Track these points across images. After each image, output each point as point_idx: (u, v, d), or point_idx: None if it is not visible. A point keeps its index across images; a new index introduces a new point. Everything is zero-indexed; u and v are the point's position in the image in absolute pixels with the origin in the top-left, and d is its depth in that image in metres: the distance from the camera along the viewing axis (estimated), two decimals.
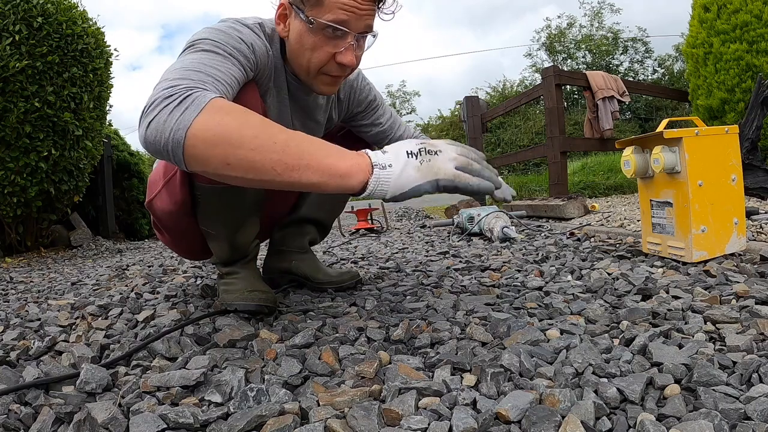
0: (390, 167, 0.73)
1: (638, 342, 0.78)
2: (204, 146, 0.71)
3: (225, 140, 0.70)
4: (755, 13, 3.51)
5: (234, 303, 1.07)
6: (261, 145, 0.71)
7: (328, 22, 0.90)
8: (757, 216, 1.90)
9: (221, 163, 0.72)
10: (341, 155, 0.74)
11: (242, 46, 0.91)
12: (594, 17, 17.96)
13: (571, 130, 11.58)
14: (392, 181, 0.73)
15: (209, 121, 0.71)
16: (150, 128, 0.72)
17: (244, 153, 0.71)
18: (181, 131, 0.70)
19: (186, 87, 0.75)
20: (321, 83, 1.01)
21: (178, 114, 0.71)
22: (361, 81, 1.24)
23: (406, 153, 0.74)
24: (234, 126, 0.71)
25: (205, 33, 0.89)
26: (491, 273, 1.48)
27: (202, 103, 0.72)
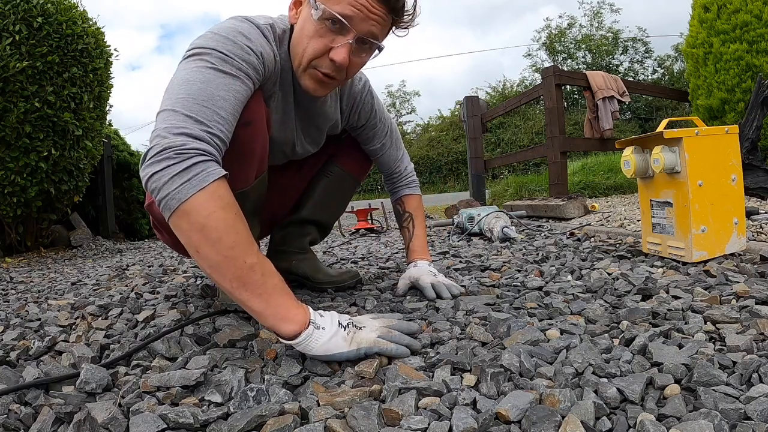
0: (323, 330, 0.79)
1: (638, 342, 0.78)
2: (186, 226, 0.76)
3: (205, 234, 0.75)
4: (755, 13, 3.51)
5: (234, 303, 1.07)
6: (233, 256, 0.76)
7: (333, 12, 0.88)
8: (757, 216, 1.90)
9: (192, 247, 0.77)
10: (289, 304, 0.79)
11: (251, 57, 0.88)
12: (594, 17, 17.97)
13: (571, 130, 11.58)
14: (321, 343, 0.78)
15: (202, 208, 0.75)
16: (151, 180, 0.77)
17: (215, 254, 0.76)
18: (174, 202, 0.75)
19: (195, 149, 0.77)
20: (309, 78, 0.97)
21: (179, 183, 0.75)
22: (366, 94, 1.22)
23: (338, 323, 0.81)
24: (220, 226, 0.75)
25: (212, 42, 0.86)
26: (491, 273, 1.48)
27: (205, 183, 0.75)
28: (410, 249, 1.35)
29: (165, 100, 0.82)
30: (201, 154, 0.77)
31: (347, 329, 0.81)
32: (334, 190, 1.36)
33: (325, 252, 2.33)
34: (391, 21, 0.94)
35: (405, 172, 1.38)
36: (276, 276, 0.80)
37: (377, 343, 0.80)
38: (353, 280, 1.38)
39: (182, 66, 0.86)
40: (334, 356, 0.79)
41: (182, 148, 0.76)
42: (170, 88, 0.83)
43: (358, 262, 1.91)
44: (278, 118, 1.07)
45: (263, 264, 0.79)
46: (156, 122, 0.81)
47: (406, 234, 1.37)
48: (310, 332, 0.78)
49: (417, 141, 18.82)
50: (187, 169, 0.75)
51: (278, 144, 1.12)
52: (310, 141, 1.20)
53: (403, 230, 1.38)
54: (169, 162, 0.75)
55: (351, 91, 1.20)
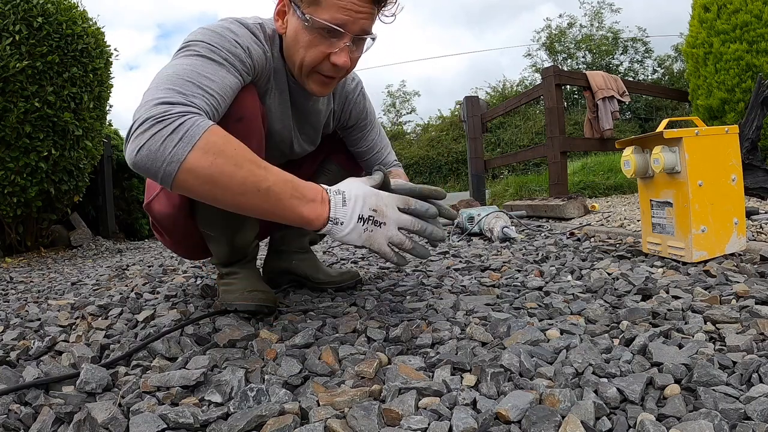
0: (342, 224, 0.85)
1: (638, 342, 0.78)
2: (195, 183, 0.76)
3: (215, 182, 0.76)
4: (755, 13, 3.51)
5: (234, 303, 1.07)
6: (247, 191, 0.78)
7: (324, 22, 0.89)
8: (757, 216, 1.90)
9: (209, 198, 0.79)
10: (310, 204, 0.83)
11: (238, 50, 0.90)
12: (594, 17, 17.96)
13: (571, 130, 11.57)
14: (339, 235, 0.85)
15: (202, 159, 0.74)
16: (141, 154, 0.74)
17: (231, 196, 0.78)
18: (174, 164, 0.74)
19: (178, 112, 0.75)
20: (313, 82, 0.99)
21: (171, 145, 0.73)
22: (358, 95, 1.23)
23: (358, 217, 0.85)
24: (225, 169, 0.76)
25: (200, 35, 0.88)
26: (491, 273, 1.48)
27: (196, 136, 0.74)
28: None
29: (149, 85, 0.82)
30: (183, 114, 0.75)
31: (365, 224, 0.85)
32: None
33: (325, 252, 2.33)
34: (376, 11, 0.95)
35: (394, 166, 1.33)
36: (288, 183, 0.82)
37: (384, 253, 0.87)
38: (353, 280, 1.38)
39: (171, 59, 0.88)
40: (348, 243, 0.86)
41: (164, 114, 0.74)
42: (155, 76, 0.83)
43: (358, 262, 1.91)
44: (275, 115, 1.08)
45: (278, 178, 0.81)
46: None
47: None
48: (328, 229, 0.84)
49: (417, 141, 18.80)
50: (175, 130, 0.73)
51: (277, 140, 1.12)
52: (306, 139, 1.20)
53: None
54: (154, 130, 0.73)
55: (343, 90, 1.20)
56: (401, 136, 19.71)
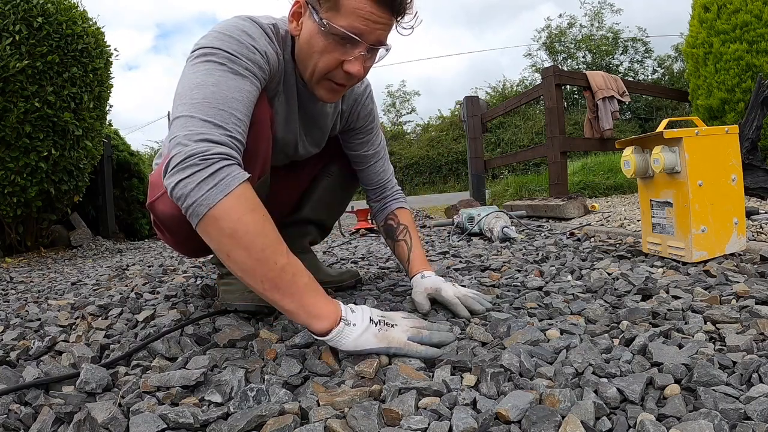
0: (354, 326, 0.80)
1: (638, 342, 0.78)
2: (216, 232, 0.77)
3: (236, 238, 0.76)
4: (755, 13, 3.51)
5: (234, 303, 1.07)
6: (264, 258, 0.77)
7: (341, 29, 0.87)
8: (757, 216, 1.90)
9: (223, 252, 0.78)
10: (321, 302, 0.81)
11: (257, 56, 0.89)
12: (594, 17, 17.96)
13: (571, 130, 11.57)
14: (352, 339, 0.80)
15: (231, 212, 0.76)
16: (177, 188, 0.77)
17: (247, 258, 0.77)
18: (203, 208, 0.76)
19: (219, 154, 0.77)
20: (323, 89, 0.98)
21: (206, 189, 0.76)
22: (367, 97, 1.22)
23: (369, 319, 0.82)
24: (250, 229, 0.77)
25: (218, 41, 0.87)
26: (491, 273, 1.48)
27: (231, 187, 0.76)
28: (411, 260, 1.22)
29: (179, 106, 0.82)
30: (225, 159, 0.78)
31: (378, 326, 0.82)
32: (334, 190, 1.36)
33: (325, 252, 2.33)
34: (394, 22, 0.94)
35: (393, 184, 1.32)
36: (306, 274, 0.81)
37: (408, 346, 0.81)
38: (353, 280, 1.38)
39: (190, 68, 0.86)
40: (362, 351, 0.80)
41: (206, 154, 0.77)
42: (182, 93, 0.83)
43: (358, 262, 1.91)
44: (282, 118, 1.07)
45: (293, 264, 0.80)
46: (172, 129, 0.81)
47: (403, 246, 1.24)
48: (341, 329, 0.79)
49: (417, 141, 18.80)
50: (213, 174, 0.76)
51: (281, 144, 1.12)
52: (311, 142, 1.19)
53: (399, 243, 1.25)
54: (195, 169, 0.76)
55: (353, 92, 1.20)
56: (401, 136, 19.71)
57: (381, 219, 1.30)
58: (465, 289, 1.11)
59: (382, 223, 1.30)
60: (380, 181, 1.29)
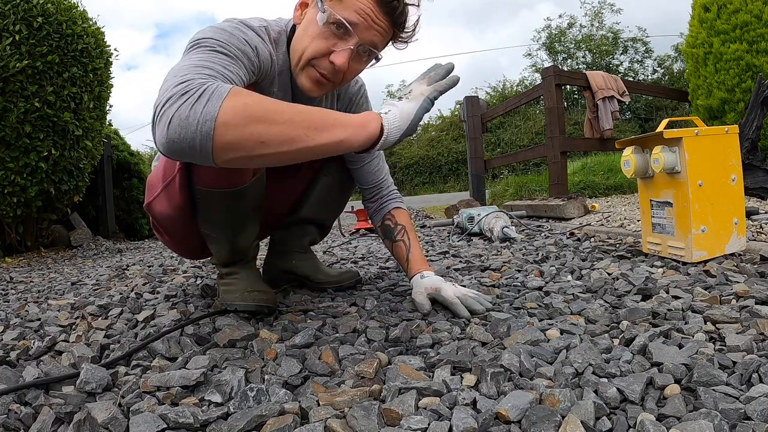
0: (390, 111, 0.85)
1: (638, 342, 0.78)
2: (236, 130, 0.71)
3: (257, 119, 0.72)
4: (755, 13, 3.51)
5: (234, 303, 1.07)
6: (290, 118, 0.75)
7: (339, 17, 0.89)
8: (757, 216, 1.90)
9: (256, 142, 0.73)
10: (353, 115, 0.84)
11: (247, 48, 0.90)
12: (594, 17, 17.96)
13: (571, 130, 11.57)
14: (398, 117, 0.85)
15: (236, 105, 0.71)
16: (172, 126, 0.70)
17: (278, 128, 0.74)
18: (209, 122, 0.70)
19: (200, 82, 0.73)
20: (306, 76, 0.98)
21: (201, 106, 0.70)
22: (361, 97, 1.24)
23: (395, 101, 0.87)
24: (261, 106, 0.74)
25: (209, 32, 0.88)
26: (491, 273, 1.48)
27: (223, 93, 0.72)
28: (410, 260, 1.22)
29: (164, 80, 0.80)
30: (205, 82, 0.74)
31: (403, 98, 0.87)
32: (333, 189, 1.36)
33: (325, 252, 2.33)
34: (392, 34, 0.95)
35: (389, 184, 1.32)
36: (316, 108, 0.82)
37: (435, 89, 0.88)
38: (353, 280, 1.38)
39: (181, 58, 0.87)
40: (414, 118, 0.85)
41: (186, 86, 0.73)
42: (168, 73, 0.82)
43: (358, 262, 1.91)
44: None
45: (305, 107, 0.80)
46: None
47: (401, 247, 1.24)
48: (386, 119, 0.84)
49: (417, 141, 18.80)
50: (202, 94, 0.71)
51: None
52: None
53: (398, 243, 1.24)
54: (181, 100, 0.71)
55: (347, 92, 1.21)
56: None
57: (378, 219, 1.30)
58: (465, 289, 1.11)
59: (379, 224, 1.30)
60: (375, 180, 1.29)
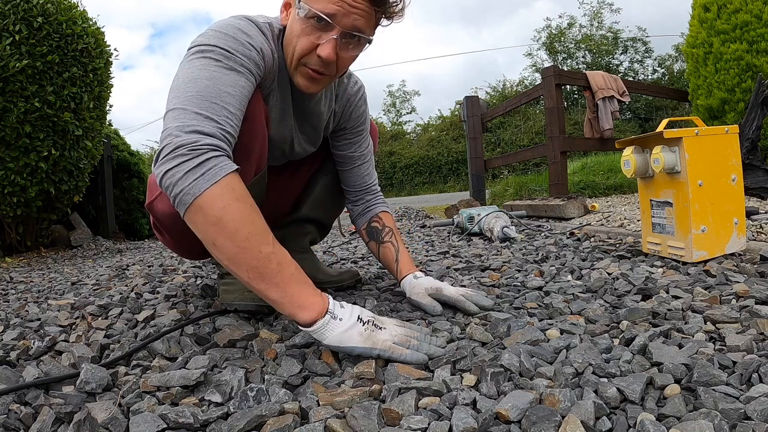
0: (341, 321, 0.80)
1: (638, 342, 0.78)
2: (202, 220, 0.79)
3: (221, 226, 0.78)
4: (755, 13, 3.51)
5: (234, 303, 1.07)
6: (249, 247, 0.78)
7: (315, 10, 0.89)
8: (757, 216, 1.90)
9: (209, 241, 0.80)
10: (306, 292, 0.81)
11: (252, 53, 0.90)
12: (594, 17, 17.97)
13: (571, 130, 11.57)
14: (336, 333, 0.80)
15: (217, 201, 0.77)
16: (165, 177, 0.79)
17: (231, 246, 0.78)
18: (189, 197, 0.77)
19: (208, 145, 0.79)
20: (301, 75, 0.98)
21: (192, 179, 0.77)
22: (359, 99, 1.23)
23: (357, 317, 0.82)
24: (235, 218, 0.78)
25: (214, 38, 0.88)
26: (491, 273, 1.48)
27: (217, 177, 0.78)
28: (400, 262, 1.21)
29: (172, 99, 0.84)
30: (213, 150, 0.79)
31: (366, 325, 0.81)
32: (332, 188, 1.36)
33: (325, 252, 2.33)
34: (375, 12, 0.94)
35: (376, 188, 1.32)
36: (292, 265, 0.82)
37: (393, 349, 0.79)
38: (353, 280, 1.38)
39: (186, 64, 0.87)
40: (344, 348, 0.80)
41: (195, 145, 0.78)
42: (176, 87, 0.85)
43: (358, 262, 1.91)
44: (277, 116, 1.07)
45: (279, 253, 0.81)
46: (165, 121, 0.83)
47: (390, 248, 1.23)
48: (326, 321, 0.79)
49: (417, 141, 18.80)
50: (201, 164, 0.77)
51: (277, 142, 1.12)
52: (307, 140, 1.20)
53: (386, 245, 1.24)
54: (183, 159, 0.77)
55: (346, 92, 1.21)
56: (401, 136, 19.70)
57: (363, 221, 1.29)
58: (464, 289, 1.11)
59: (364, 226, 1.29)
60: (363, 184, 1.29)
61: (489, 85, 22.90)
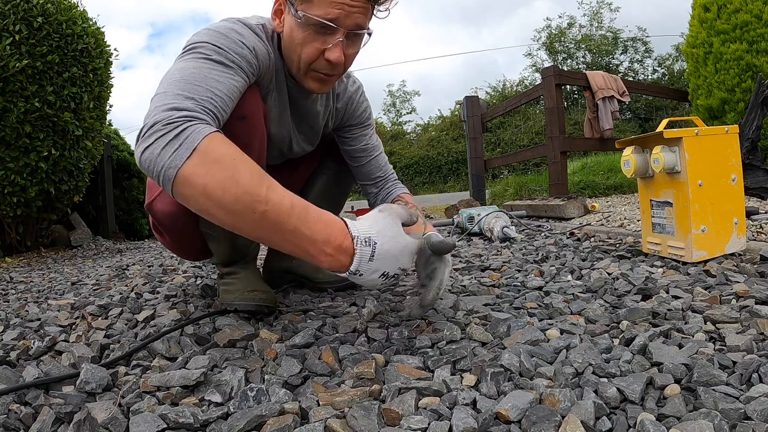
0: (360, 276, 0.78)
1: (638, 342, 0.78)
2: (190, 192, 0.74)
3: (207, 195, 0.72)
4: (755, 13, 3.51)
5: (234, 303, 1.07)
6: (240, 211, 0.72)
7: (317, 18, 0.88)
8: (757, 216, 1.90)
9: (204, 213, 0.75)
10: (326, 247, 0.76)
11: (244, 51, 0.90)
12: (593, 17, 17.97)
13: (571, 130, 11.56)
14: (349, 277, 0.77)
15: (199, 167, 0.72)
16: (144, 156, 0.75)
17: (224, 214, 0.73)
18: (171, 170, 0.73)
19: (184, 116, 0.75)
20: (311, 80, 0.99)
21: (171, 151, 0.72)
22: (360, 96, 1.24)
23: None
24: (217, 181, 0.72)
25: (206, 36, 0.88)
26: (491, 273, 1.48)
27: (195, 143, 0.73)
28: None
29: (157, 89, 0.82)
30: (188, 120, 0.75)
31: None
32: (332, 186, 1.37)
33: None
34: (371, 6, 0.94)
35: (395, 176, 1.33)
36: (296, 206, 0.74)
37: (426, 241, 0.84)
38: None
39: (176, 61, 0.87)
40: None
41: (169, 119, 0.74)
42: (163, 79, 0.84)
43: None
44: (275, 115, 1.08)
45: (278, 202, 0.73)
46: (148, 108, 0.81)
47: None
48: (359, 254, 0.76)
49: (417, 141, 18.80)
50: (177, 136, 0.73)
51: (276, 141, 1.12)
52: (305, 139, 1.20)
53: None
54: (158, 134, 0.74)
55: (347, 91, 1.21)
56: (401, 136, 19.71)
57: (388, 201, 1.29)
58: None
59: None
60: (383, 174, 1.29)
61: (489, 85, 22.90)
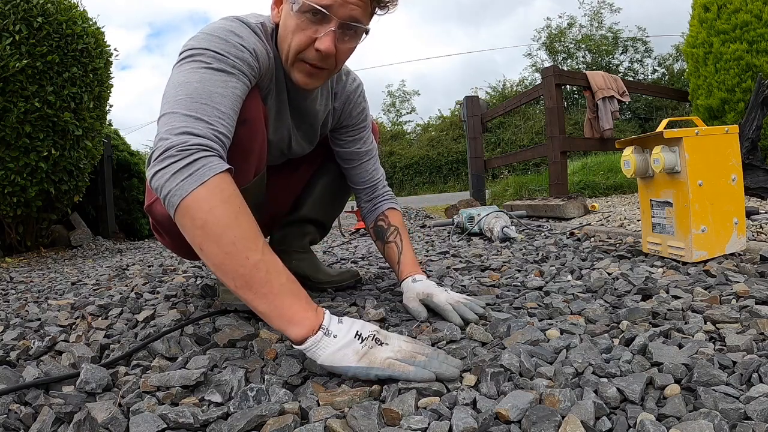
0: (335, 338, 0.74)
1: (638, 342, 0.78)
2: (189, 223, 0.76)
3: (207, 230, 0.75)
4: (755, 13, 3.51)
5: (234, 303, 1.07)
6: (235, 252, 0.74)
7: (311, 3, 0.88)
8: (757, 216, 1.90)
9: (196, 245, 0.77)
10: (297, 305, 0.76)
11: (245, 54, 0.89)
12: (593, 17, 17.98)
13: (571, 130, 11.57)
14: (329, 352, 0.73)
15: (203, 203, 0.75)
16: (154, 179, 0.78)
17: (217, 251, 0.75)
18: (176, 198, 0.76)
19: (197, 145, 0.77)
20: (299, 71, 0.97)
21: (180, 179, 0.75)
22: (359, 96, 1.22)
23: (356, 333, 0.75)
24: (221, 221, 0.75)
25: (205, 42, 0.87)
26: (491, 273, 1.48)
27: (205, 177, 0.76)
28: (402, 263, 1.18)
29: (164, 105, 0.83)
30: (203, 150, 0.78)
31: (364, 342, 0.74)
32: (332, 187, 1.36)
33: (325, 252, 2.33)
34: (370, 2, 0.92)
35: (383, 184, 1.30)
36: (284, 275, 0.77)
37: (393, 366, 0.71)
38: (353, 280, 1.38)
39: (177, 69, 0.87)
40: (338, 369, 0.73)
41: (184, 146, 0.77)
42: (167, 92, 0.84)
43: (358, 262, 1.91)
44: (274, 115, 1.07)
45: (269, 261, 0.76)
46: (158, 127, 0.82)
47: (393, 249, 1.20)
48: (318, 338, 0.73)
49: (417, 141, 18.81)
50: (189, 165, 0.76)
51: (276, 142, 1.12)
52: (304, 138, 1.20)
53: (390, 245, 1.21)
54: (171, 160, 0.76)
55: (345, 90, 1.20)
56: (401, 136, 19.71)
57: (371, 220, 1.28)
58: (458, 295, 1.06)
59: (371, 225, 1.27)
60: (371, 180, 1.27)
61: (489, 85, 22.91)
